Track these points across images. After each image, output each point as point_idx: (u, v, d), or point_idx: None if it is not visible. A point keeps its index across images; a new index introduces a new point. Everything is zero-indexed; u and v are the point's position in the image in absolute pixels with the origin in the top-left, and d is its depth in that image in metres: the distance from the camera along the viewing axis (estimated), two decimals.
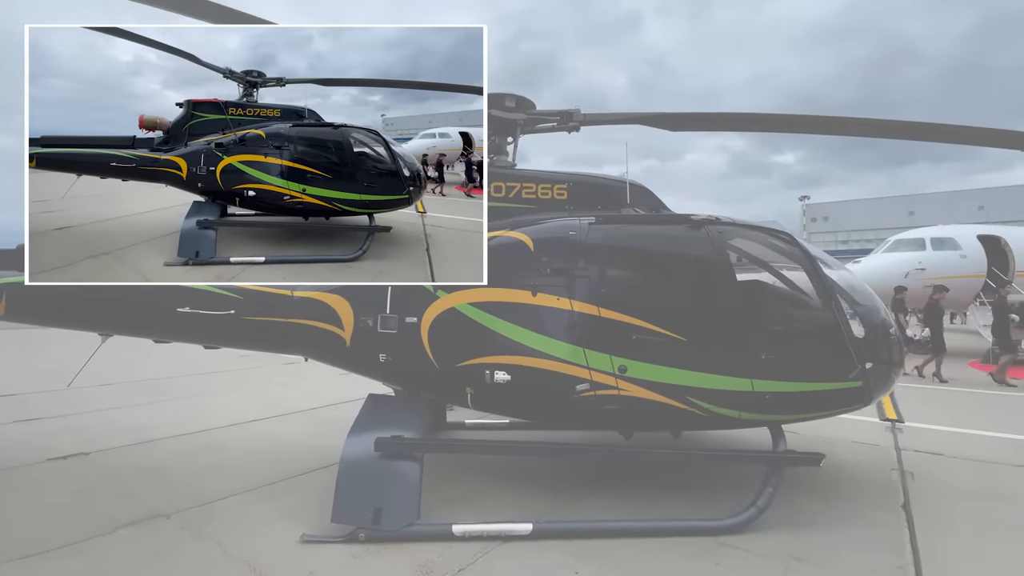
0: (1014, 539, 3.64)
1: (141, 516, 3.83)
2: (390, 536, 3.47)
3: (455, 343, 4.01)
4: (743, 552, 3.39)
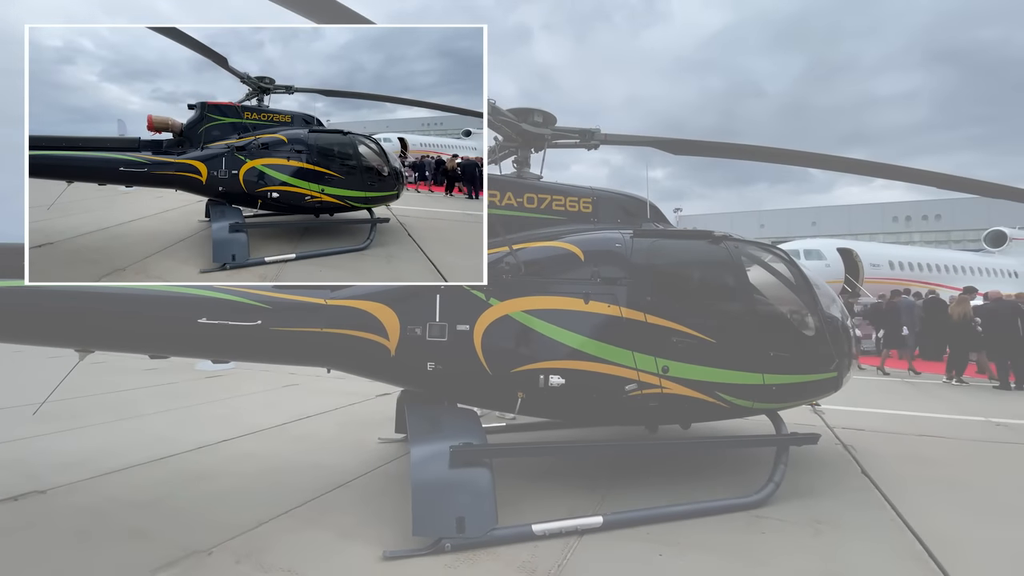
0: (955, 490, 4.66)
1: (175, 556, 3.41)
2: (476, 543, 3.51)
3: (510, 349, 4.13)
4: (778, 521, 3.97)
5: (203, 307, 3.95)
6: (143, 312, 3.90)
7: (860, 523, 3.98)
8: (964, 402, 8.71)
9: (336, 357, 4.34)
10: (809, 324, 4.78)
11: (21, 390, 8.14)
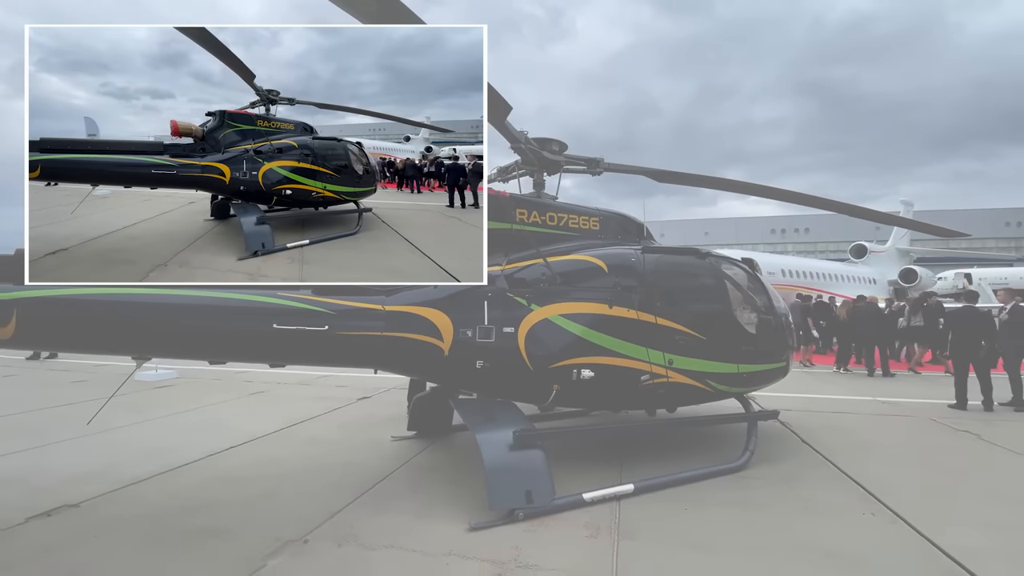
0: (872, 449, 6.03)
1: (272, 547, 3.66)
2: (543, 511, 4.13)
3: (548, 348, 4.79)
4: (759, 480, 5.01)
5: (274, 314, 4.20)
6: (220, 320, 4.06)
7: (816, 477, 5.14)
8: (853, 386, 10.73)
9: (394, 358, 4.74)
10: (768, 323, 5.96)
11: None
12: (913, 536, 3.85)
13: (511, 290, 4.87)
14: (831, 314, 13.80)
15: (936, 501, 4.50)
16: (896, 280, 27.00)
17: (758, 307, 5.93)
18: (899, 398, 9.31)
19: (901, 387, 10.57)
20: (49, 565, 3.39)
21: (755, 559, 3.51)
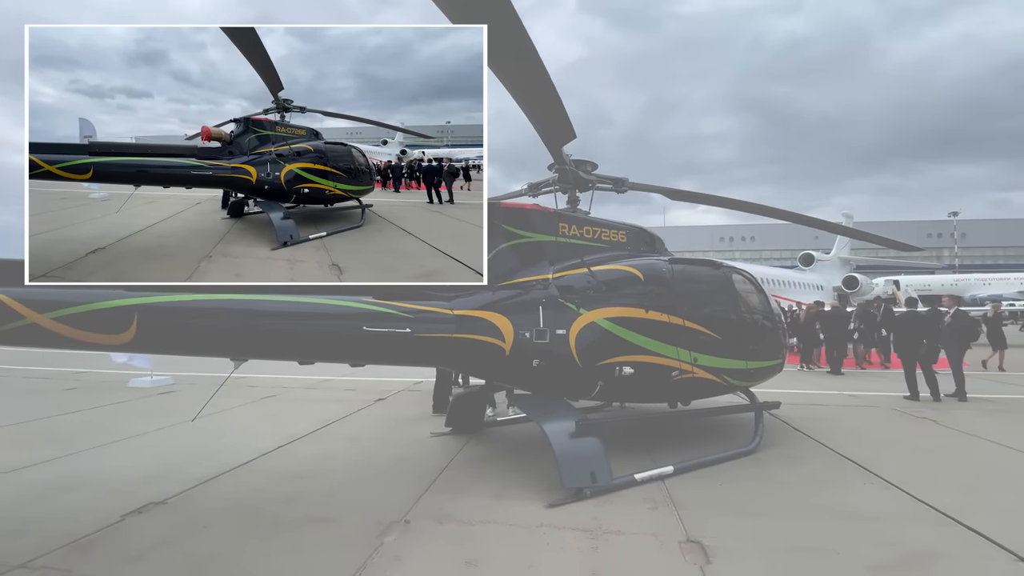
0: (854, 434, 6.97)
1: (380, 528, 4.06)
2: (605, 489, 4.72)
3: (595, 348, 5.39)
4: (773, 460, 5.79)
5: (364, 318, 4.61)
6: (316, 323, 4.43)
7: (815, 456, 5.99)
8: (820, 382, 11.93)
9: (462, 358, 5.21)
10: (769, 325, 6.81)
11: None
12: (907, 498, 4.69)
13: (561, 296, 5.44)
14: (796, 318, 15.14)
15: (916, 472, 5.40)
16: (840, 286, 29.42)
17: (762, 311, 6.77)
18: (860, 392, 10.51)
19: (859, 382, 11.86)
20: (181, 553, 3.68)
21: (791, 519, 4.23)
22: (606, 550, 3.69)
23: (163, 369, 11.37)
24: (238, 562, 3.53)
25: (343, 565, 3.46)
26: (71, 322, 3.66)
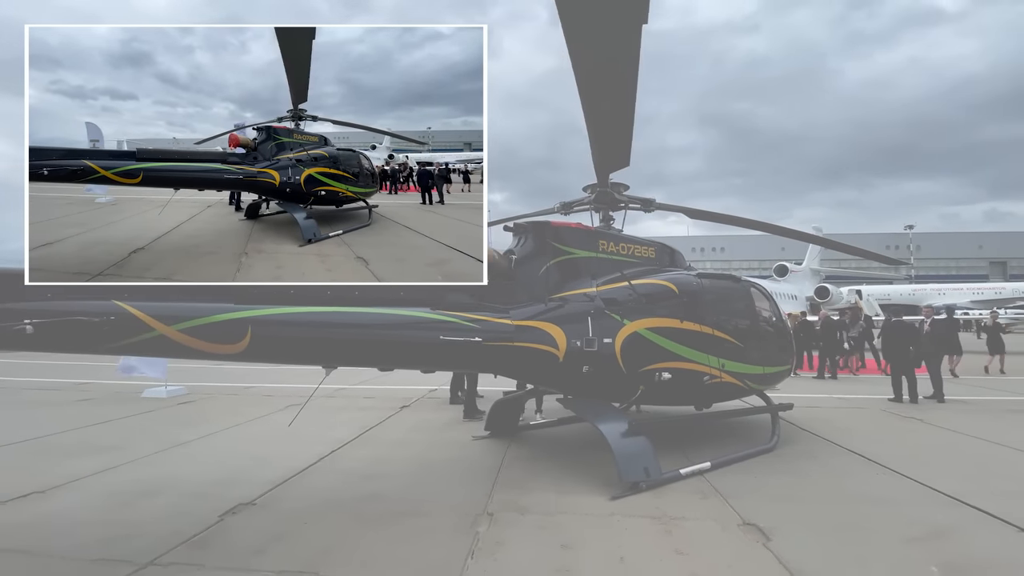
0: (851, 432, 7.69)
1: (469, 519, 4.47)
2: (657, 483, 5.23)
3: (637, 355, 5.92)
4: (790, 456, 6.41)
5: (439, 328, 5.01)
6: (402, 332, 4.82)
7: (827, 452, 6.66)
8: (809, 387, 12.79)
9: (521, 365, 5.65)
10: (780, 333, 7.49)
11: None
12: (916, 485, 5.36)
13: (607, 308, 5.96)
14: None
15: (917, 463, 6.09)
16: (812, 296, 31.00)
17: (776, 321, 7.45)
18: (848, 395, 11.38)
19: (842, 387, 12.78)
20: (297, 546, 4.00)
21: (824, 504, 4.82)
22: (678, 533, 4.19)
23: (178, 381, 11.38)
24: (356, 552, 3.88)
25: (454, 550, 3.86)
26: (194, 333, 3.97)
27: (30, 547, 3.97)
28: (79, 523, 4.43)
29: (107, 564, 3.68)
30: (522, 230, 6.37)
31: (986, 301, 40.51)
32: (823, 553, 3.82)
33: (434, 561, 3.73)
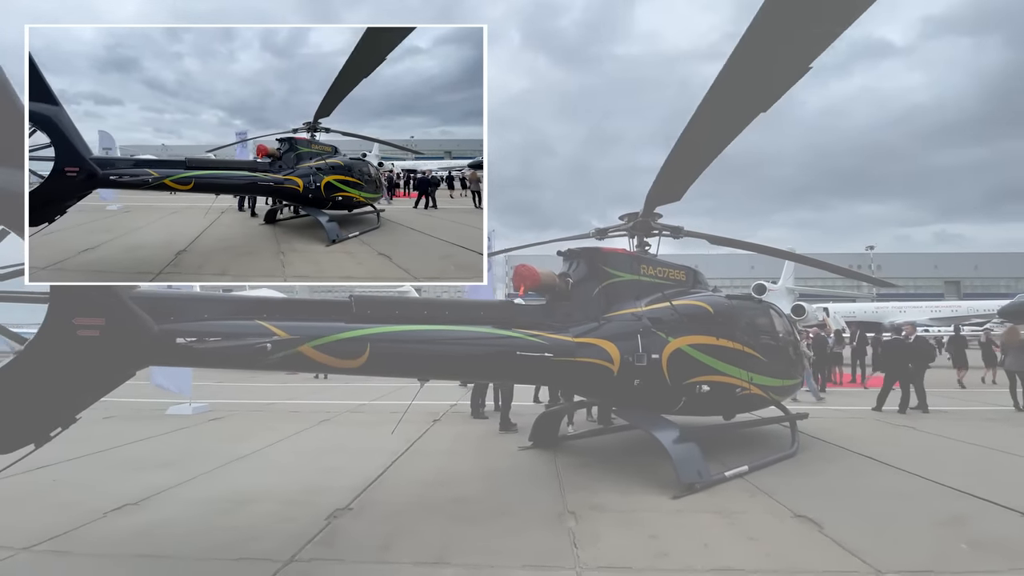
0: (853, 440, 8.48)
1: (553, 517, 4.98)
2: (709, 483, 5.84)
3: (681, 369, 6.57)
4: (811, 460, 7.14)
5: (515, 345, 5.56)
6: (486, 349, 5.35)
7: (840, 455, 7.42)
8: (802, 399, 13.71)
9: (581, 378, 6.22)
10: (794, 349, 8.29)
11: None
12: (926, 481, 6.12)
13: (653, 326, 6.61)
14: None
15: (921, 463, 6.88)
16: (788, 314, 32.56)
17: (790, 338, 8.25)
18: (840, 406, 12.31)
19: (834, 398, 13.75)
20: (417, 541, 4.44)
21: (856, 498, 5.51)
22: (742, 524, 4.80)
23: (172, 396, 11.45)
24: (472, 544, 4.34)
25: (557, 541, 4.38)
26: (325, 350, 4.42)
27: (163, 551, 4.29)
28: (192, 530, 4.74)
29: (250, 563, 4.04)
30: (574, 255, 6.99)
31: (944, 318, 43.09)
32: (870, 537, 4.48)
33: (545, 550, 4.23)
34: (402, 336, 4.86)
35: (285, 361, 4.30)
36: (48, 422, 3.50)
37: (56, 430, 3.55)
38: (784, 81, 3.76)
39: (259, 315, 4.28)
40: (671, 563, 4.03)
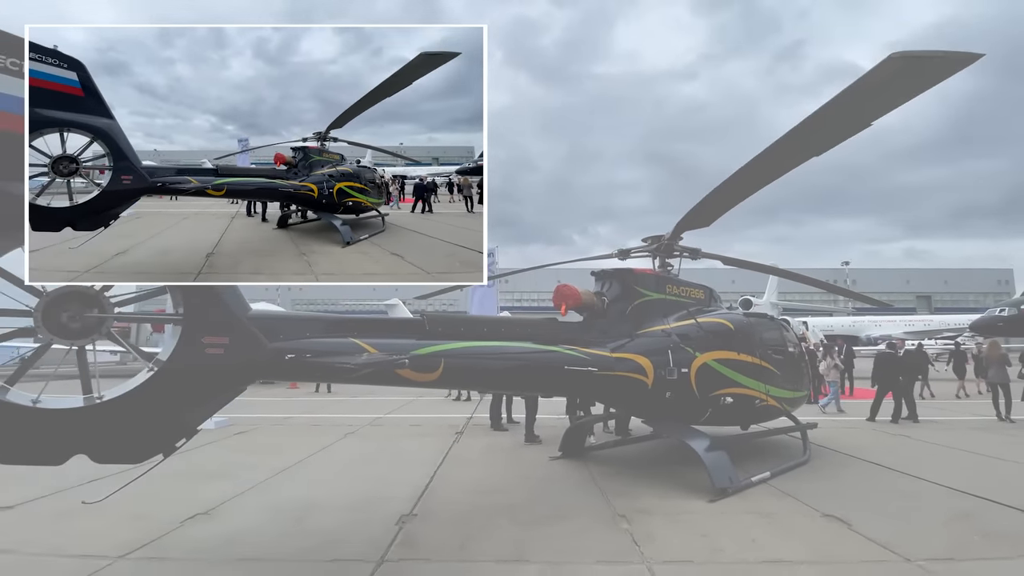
0: (859, 448, 9.11)
1: (611, 518, 5.41)
2: (739, 488, 6.33)
3: (707, 382, 7.10)
4: (823, 466, 7.71)
5: (563, 360, 6.02)
6: (540, 364, 5.80)
7: (845, 462, 8.01)
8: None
9: (618, 391, 6.69)
10: (803, 364, 8.91)
11: None
12: (931, 484, 6.71)
13: (681, 342, 7.14)
14: None
15: (923, 468, 7.50)
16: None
17: (799, 353, 8.87)
18: (834, 417, 13.00)
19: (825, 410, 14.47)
20: (491, 540, 4.82)
21: (874, 498, 6.06)
22: (779, 524, 5.30)
23: None
24: (544, 543, 4.74)
25: (619, 541, 4.81)
26: (409, 365, 4.82)
27: (257, 555, 4.59)
28: (275, 536, 5.05)
29: (344, 564, 4.38)
30: (607, 276, 7.52)
31: (917, 332, 44.84)
32: (896, 532, 5.01)
33: (611, 548, 4.66)
34: (470, 351, 5.29)
35: (375, 375, 4.68)
36: (174, 433, 3.83)
37: (181, 441, 3.88)
38: (846, 133, 4.34)
39: (350, 333, 4.67)
40: (726, 557, 4.50)
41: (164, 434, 3.78)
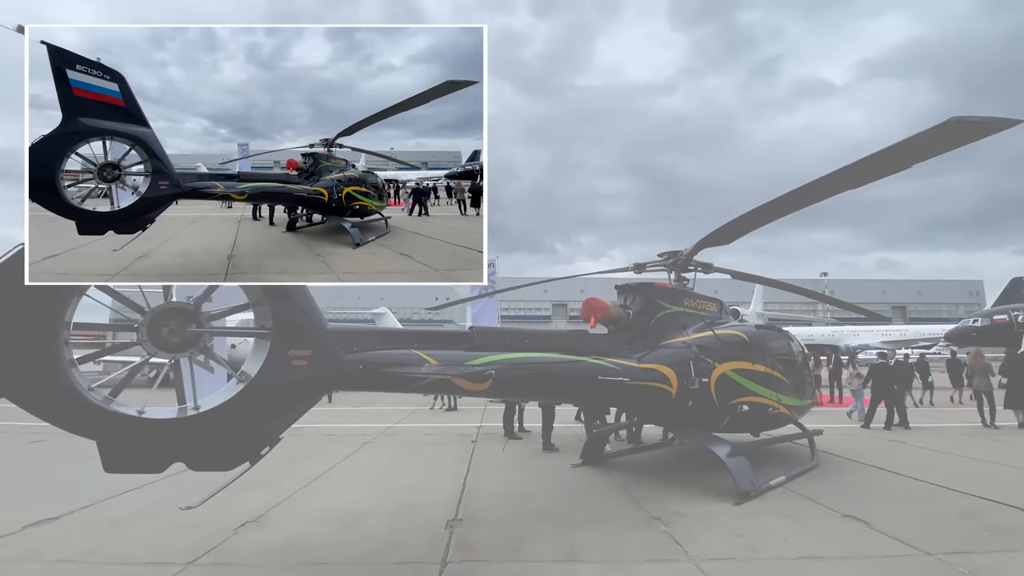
0: (858, 453, 9.59)
1: (646, 519, 5.72)
2: (761, 491, 6.71)
3: (726, 391, 7.49)
4: (832, 471, 8.15)
5: (597, 371, 6.35)
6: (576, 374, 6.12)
7: (850, 466, 8.47)
8: None
9: (644, 400, 7.03)
10: (808, 373, 9.39)
11: None
12: (933, 486, 7.18)
13: (701, 353, 7.52)
14: None
15: (923, 471, 7.97)
16: None
17: (805, 364, 9.35)
18: (827, 424, 13.54)
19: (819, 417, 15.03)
20: (540, 544, 5.08)
21: (885, 500, 6.48)
22: (804, 524, 5.67)
23: None
24: (593, 544, 5.03)
25: (661, 541, 5.13)
26: (462, 375, 5.09)
27: (319, 559, 4.78)
28: (332, 541, 5.24)
29: (410, 566, 4.61)
30: (630, 290, 7.89)
31: (894, 341, 46.28)
32: (912, 530, 5.41)
33: (656, 548, 4.97)
34: (517, 362, 5.59)
35: (434, 385, 4.95)
36: (260, 442, 4.04)
37: (265, 449, 4.08)
38: (887, 173, 4.78)
39: (411, 344, 4.94)
40: (764, 554, 4.84)
41: (251, 442, 3.99)
